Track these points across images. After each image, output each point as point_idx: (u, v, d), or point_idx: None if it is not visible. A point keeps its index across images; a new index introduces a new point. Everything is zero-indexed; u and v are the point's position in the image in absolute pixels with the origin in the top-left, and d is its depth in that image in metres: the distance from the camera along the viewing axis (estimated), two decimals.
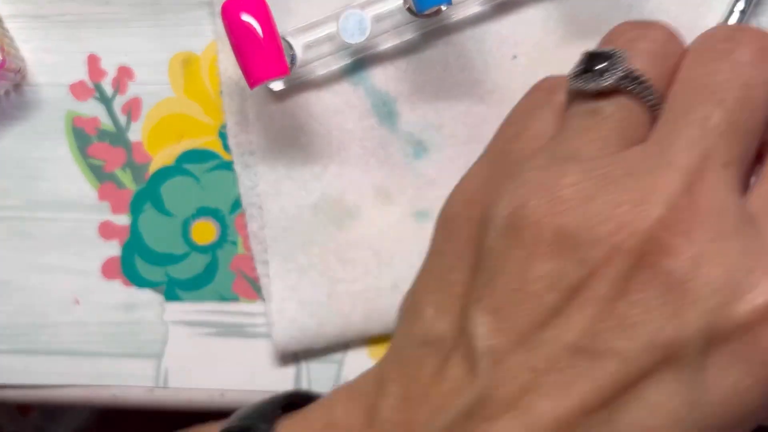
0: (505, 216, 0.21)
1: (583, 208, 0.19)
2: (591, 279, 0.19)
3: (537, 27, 0.33)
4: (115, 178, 0.35)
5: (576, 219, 0.19)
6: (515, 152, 0.24)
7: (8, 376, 0.35)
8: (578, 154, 0.21)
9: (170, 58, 0.34)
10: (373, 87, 0.33)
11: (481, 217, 0.22)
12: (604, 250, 0.19)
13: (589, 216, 0.19)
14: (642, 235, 0.19)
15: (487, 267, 0.21)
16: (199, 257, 0.35)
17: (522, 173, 0.22)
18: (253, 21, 0.28)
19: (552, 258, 0.20)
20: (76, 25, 0.35)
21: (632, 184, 0.20)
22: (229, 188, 0.34)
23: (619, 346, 0.19)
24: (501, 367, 0.20)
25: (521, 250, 0.20)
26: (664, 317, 0.18)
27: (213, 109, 0.34)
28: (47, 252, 0.35)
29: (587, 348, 0.19)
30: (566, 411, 0.19)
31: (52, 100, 0.35)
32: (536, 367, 0.19)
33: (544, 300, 0.19)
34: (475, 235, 0.22)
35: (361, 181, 0.33)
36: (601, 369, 0.19)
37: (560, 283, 0.19)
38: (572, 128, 0.23)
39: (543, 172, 0.21)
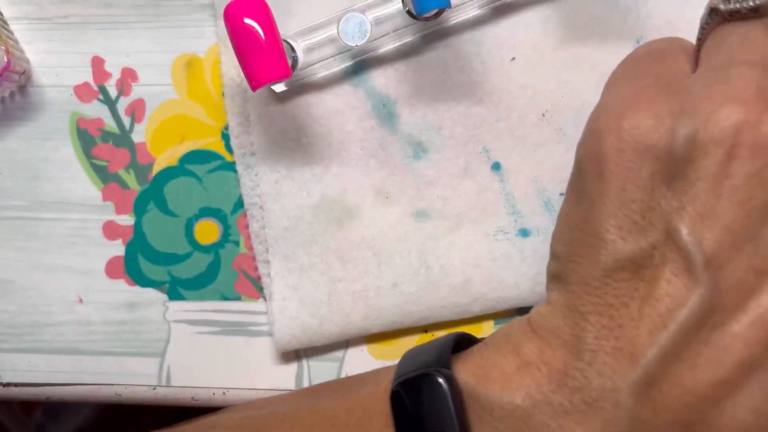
0: (700, 123, 0.20)
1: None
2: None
3: (535, 29, 0.33)
4: (119, 178, 0.35)
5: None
6: (667, 74, 0.22)
7: (12, 374, 0.36)
8: (756, 60, 0.20)
9: (173, 60, 0.35)
10: (374, 89, 0.34)
11: (667, 133, 0.20)
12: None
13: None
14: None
15: (683, 176, 0.20)
16: (201, 257, 0.35)
17: (704, 85, 0.20)
18: (255, 24, 0.28)
19: (757, 157, 0.19)
20: (80, 28, 0.35)
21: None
22: (232, 189, 0.35)
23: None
24: (723, 272, 0.19)
25: (720, 150, 0.19)
26: None
27: (216, 110, 0.34)
28: (51, 252, 0.35)
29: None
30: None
31: (57, 102, 0.35)
32: (761, 268, 0.19)
33: (755, 198, 0.19)
34: (658, 150, 0.20)
35: (362, 182, 0.34)
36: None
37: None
38: (734, 44, 0.22)
39: (723, 82, 0.20)
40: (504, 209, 0.34)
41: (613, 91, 0.23)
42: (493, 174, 0.34)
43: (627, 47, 0.33)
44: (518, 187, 0.33)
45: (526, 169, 0.33)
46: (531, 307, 0.34)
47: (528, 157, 0.33)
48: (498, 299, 0.33)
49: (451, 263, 0.33)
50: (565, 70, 0.33)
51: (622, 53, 0.33)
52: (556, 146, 0.33)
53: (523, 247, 0.33)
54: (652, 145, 0.20)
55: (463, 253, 0.33)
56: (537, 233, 0.33)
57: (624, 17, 0.33)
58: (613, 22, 0.33)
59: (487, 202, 0.34)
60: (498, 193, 0.34)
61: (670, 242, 0.20)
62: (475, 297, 0.33)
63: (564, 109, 0.33)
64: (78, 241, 0.35)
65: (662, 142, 0.20)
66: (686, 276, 0.20)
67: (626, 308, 0.21)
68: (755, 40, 0.21)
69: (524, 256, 0.33)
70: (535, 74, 0.33)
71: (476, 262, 0.33)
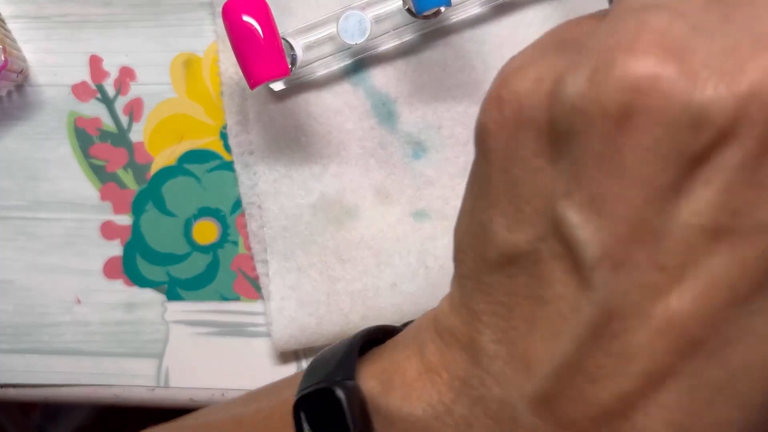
0: (581, 83, 0.15)
1: (688, 61, 0.15)
2: (718, 146, 0.15)
3: (536, 28, 0.33)
4: (117, 178, 0.35)
5: (680, 76, 0.15)
6: (575, 31, 0.18)
7: (10, 375, 0.35)
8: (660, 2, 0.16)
9: (172, 58, 0.34)
10: (373, 88, 0.33)
11: (546, 98, 0.17)
12: (730, 109, 0.14)
13: (697, 70, 0.15)
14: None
15: (568, 153, 0.16)
16: (200, 257, 0.35)
17: (598, 37, 0.16)
18: (254, 22, 0.28)
19: (655, 126, 0.15)
20: (77, 26, 0.35)
21: (739, 32, 0.15)
22: (230, 188, 0.35)
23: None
24: (620, 271, 0.16)
25: (608, 118, 0.15)
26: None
27: (214, 109, 0.34)
28: (49, 252, 0.35)
29: (725, 227, 0.15)
30: (712, 306, 0.15)
31: (54, 101, 0.35)
32: (665, 265, 0.15)
33: (655, 179, 0.15)
34: (537, 121, 0.17)
35: (361, 181, 0.34)
36: (750, 248, 0.15)
37: (673, 155, 0.15)
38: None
39: (619, 31, 0.15)
40: None
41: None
42: None
43: None
44: None
45: None
46: None
47: None
48: None
49: (451, 263, 0.33)
50: None
51: None
52: None
53: None
54: (531, 116, 0.17)
55: None
56: None
57: None
58: None
59: None
60: None
61: (557, 235, 0.17)
62: None
63: None
64: (76, 241, 0.35)
65: (542, 111, 0.17)
66: (577, 276, 0.16)
67: (520, 308, 0.18)
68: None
69: None
70: None
71: None
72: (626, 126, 0.15)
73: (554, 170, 0.17)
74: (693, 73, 0.15)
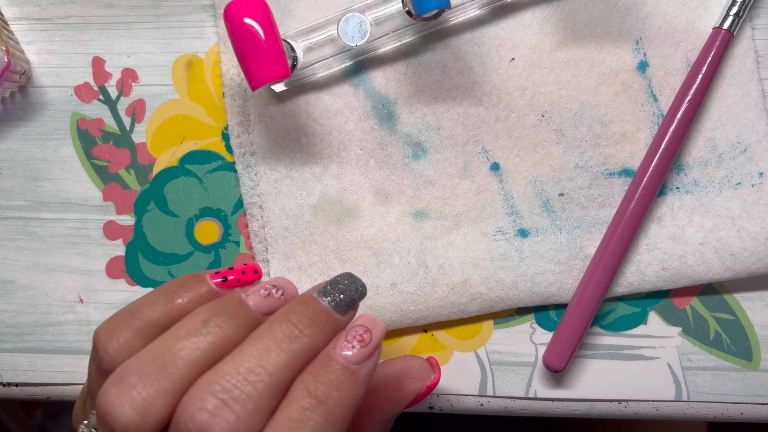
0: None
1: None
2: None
3: (535, 30, 0.33)
4: (120, 178, 0.35)
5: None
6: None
7: (13, 374, 0.36)
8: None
9: (174, 60, 0.35)
10: (373, 89, 0.34)
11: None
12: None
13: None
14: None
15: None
16: (201, 257, 0.35)
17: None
18: (256, 24, 0.28)
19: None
20: (80, 28, 0.35)
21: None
22: (232, 189, 0.35)
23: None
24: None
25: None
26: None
27: (216, 111, 0.35)
28: (52, 252, 0.35)
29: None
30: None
31: (57, 102, 0.35)
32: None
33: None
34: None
35: (361, 182, 0.34)
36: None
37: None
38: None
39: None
40: (503, 209, 0.34)
41: None
42: (492, 174, 0.34)
43: (626, 48, 0.33)
44: (517, 188, 0.34)
45: (524, 170, 0.34)
46: (529, 307, 0.34)
47: (527, 157, 0.33)
48: (496, 299, 0.34)
49: (450, 263, 0.33)
50: (564, 71, 0.33)
51: (620, 54, 0.33)
52: (554, 147, 0.33)
53: (522, 248, 0.34)
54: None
55: (462, 253, 0.33)
56: (536, 233, 0.34)
57: (623, 18, 0.33)
58: (612, 23, 0.33)
59: (486, 202, 0.34)
60: (497, 193, 0.34)
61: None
62: (474, 297, 0.34)
63: (563, 110, 0.33)
64: (78, 241, 0.35)
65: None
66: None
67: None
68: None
69: (523, 256, 0.33)
70: (534, 75, 0.33)
71: (475, 262, 0.33)
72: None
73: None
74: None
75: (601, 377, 0.34)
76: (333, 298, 0.25)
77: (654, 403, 0.34)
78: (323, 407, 0.23)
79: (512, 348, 0.35)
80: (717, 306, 0.34)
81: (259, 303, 0.25)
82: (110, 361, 0.25)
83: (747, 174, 0.33)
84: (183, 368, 0.23)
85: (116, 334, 0.25)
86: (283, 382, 0.23)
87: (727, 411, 0.34)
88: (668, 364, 0.34)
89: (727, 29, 0.32)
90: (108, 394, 0.23)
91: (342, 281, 0.26)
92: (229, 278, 0.27)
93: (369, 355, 0.24)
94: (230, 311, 0.25)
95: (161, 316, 0.26)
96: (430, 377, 0.31)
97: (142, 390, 0.23)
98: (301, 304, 0.25)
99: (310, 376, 0.24)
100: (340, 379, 0.24)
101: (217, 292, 0.27)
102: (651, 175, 0.32)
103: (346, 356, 0.24)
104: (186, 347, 0.23)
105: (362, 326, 0.25)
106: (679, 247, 0.33)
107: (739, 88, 0.33)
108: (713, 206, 0.33)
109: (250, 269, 0.28)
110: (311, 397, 0.23)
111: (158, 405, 0.23)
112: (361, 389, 0.24)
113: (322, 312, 0.25)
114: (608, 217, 0.34)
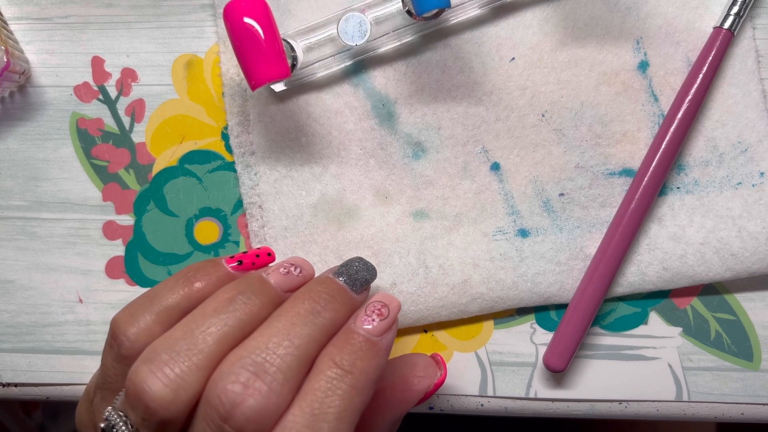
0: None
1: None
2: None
3: (535, 30, 0.33)
4: (119, 178, 0.35)
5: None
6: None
7: (12, 374, 0.36)
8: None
9: (173, 60, 0.35)
10: (373, 89, 0.34)
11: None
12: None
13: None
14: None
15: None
16: (201, 257, 0.35)
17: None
18: (255, 23, 0.28)
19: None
20: (80, 28, 0.35)
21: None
22: (232, 189, 0.35)
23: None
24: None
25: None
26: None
27: (216, 111, 0.35)
28: (51, 252, 0.35)
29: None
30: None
31: (57, 102, 0.35)
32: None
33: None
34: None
35: (361, 182, 0.34)
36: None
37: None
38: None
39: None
40: (503, 209, 0.34)
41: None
42: (492, 174, 0.34)
43: (626, 47, 0.33)
44: (517, 188, 0.34)
45: (525, 170, 0.33)
46: (529, 307, 0.34)
47: (527, 157, 0.33)
48: (496, 299, 0.34)
49: (450, 263, 0.33)
50: (564, 71, 0.33)
51: (621, 53, 0.33)
52: (555, 146, 0.33)
53: (522, 248, 0.33)
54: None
55: (462, 253, 0.33)
56: (536, 233, 0.34)
57: (624, 17, 0.33)
58: (612, 23, 0.33)
59: (486, 202, 0.34)
60: (497, 193, 0.34)
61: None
62: (474, 297, 0.33)
63: (563, 110, 0.33)
64: (78, 241, 0.35)
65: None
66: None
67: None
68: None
69: (523, 256, 0.33)
70: (534, 75, 0.33)
71: (475, 262, 0.33)
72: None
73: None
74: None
75: (602, 377, 0.34)
76: (348, 277, 0.27)
77: (654, 404, 0.34)
78: (350, 376, 0.24)
79: (512, 348, 0.35)
80: (718, 306, 0.34)
81: (279, 281, 0.27)
82: (131, 346, 0.25)
83: (748, 174, 0.33)
84: (213, 344, 0.24)
85: (135, 320, 0.26)
86: (310, 354, 0.24)
87: (728, 411, 0.34)
88: (669, 365, 0.34)
89: (728, 29, 0.32)
90: (140, 372, 0.23)
91: (354, 263, 0.28)
92: (245, 261, 0.28)
93: (388, 327, 0.26)
94: (254, 289, 0.26)
95: (180, 299, 0.26)
96: (437, 375, 0.31)
97: (174, 366, 0.23)
98: (319, 284, 0.27)
99: (334, 348, 0.25)
100: (363, 350, 0.25)
101: (233, 275, 0.28)
102: (651, 175, 0.32)
103: (367, 329, 0.25)
104: (215, 323, 0.24)
105: (379, 301, 0.27)
106: (680, 247, 0.33)
107: (740, 87, 0.33)
108: (714, 206, 0.33)
109: (264, 252, 0.29)
110: (337, 367, 0.24)
111: (191, 380, 0.23)
112: (383, 359, 0.26)
113: (340, 290, 0.27)
114: (609, 217, 0.33)
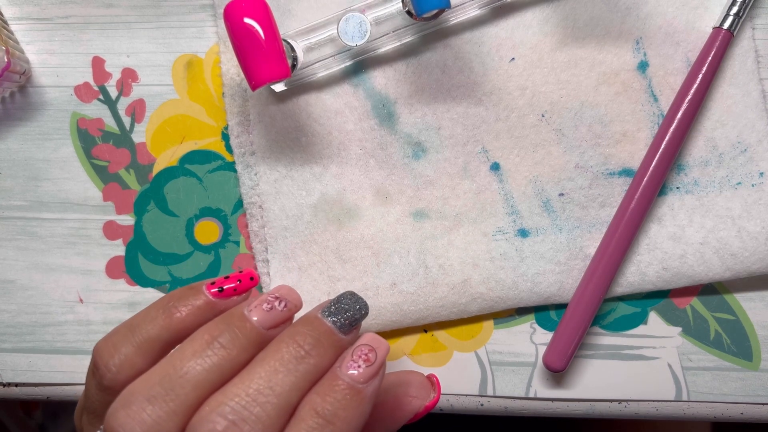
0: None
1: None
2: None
3: (535, 30, 0.33)
4: (120, 178, 0.35)
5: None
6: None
7: (12, 374, 0.36)
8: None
9: (173, 60, 0.35)
10: (373, 89, 0.34)
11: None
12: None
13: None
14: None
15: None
16: (201, 257, 0.35)
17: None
18: (255, 24, 0.28)
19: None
20: (80, 28, 0.35)
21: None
22: (232, 189, 0.35)
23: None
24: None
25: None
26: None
27: (216, 111, 0.35)
28: (52, 252, 0.35)
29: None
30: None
31: (57, 102, 0.35)
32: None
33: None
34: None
35: (361, 182, 0.34)
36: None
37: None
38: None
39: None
40: (503, 209, 0.34)
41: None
42: (492, 174, 0.34)
43: (626, 47, 0.33)
44: (517, 188, 0.34)
45: (524, 170, 0.34)
46: (529, 307, 0.34)
47: (527, 157, 0.33)
48: (496, 299, 0.34)
49: (450, 263, 0.33)
50: (564, 71, 0.33)
51: (621, 53, 0.33)
52: (554, 146, 0.33)
53: (522, 247, 0.34)
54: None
55: (462, 253, 0.33)
56: (536, 233, 0.34)
57: (623, 18, 0.33)
58: (612, 23, 0.33)
59: (486, 202, 0.34)
60: (497, 193, 0.34)
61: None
62: (474, 297, 0.33)
63: (563, 110, 0.33)
64: (78, 241, 0.35)
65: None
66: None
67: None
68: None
69: (523, 256, 0.33)
70: (534, 75, 0.33)
71: (475, 262, 0.33)
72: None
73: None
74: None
75: (602, 377, 0.34)
76: (337, 317, 0.26)
77: (654, 403, 0.34)
78: (331, 426, 0.23)
79: (512, 348, 0.35)
80: (717, 306, 0.34)
81: (262, 319, 0.26)
82: (112, 378, 0.25)
83: (747, 174, 0.33)
84: (191, 390, 0.23)
85: (117, 351, 0.25)
86: (291, 402, 0.24)
87: (728, 411, 0.34)
88: (668, 364, 0.34)
89: (728, 29, 0.32)
90: (117, 418, 0.23)
91: (344, 301, 0.26)
92: (226, 288, 0.27)
93: (374, 374, 0.25)
94: (233, 331, 0.25)
95: (161, 330, 0.26)
96: (430, 396, 0.31)
97: (152, 412, 0.23)
98: (305, 325, 0.25)
99: (317, 395, 0.24)
100: (346, 399, 0.24)
101: (214, 303, 0.27)
102: (651, 175, 0.32)
103: (352, 375, 0.24)
104: (192, 368, 0.24)
105: (367, 345, 0.26)
106: (680, 247, 0.33)
107: (740, 87, 0.33)
108: (713, 206, 0.33)
109: (246, 277, 0.28)
110: (319, 416, 0.24)
111: (168, 427, 0.23)
112: (368, 407, 0.25)
113: (327, 332, 0.25)
114: (608, 217, 0.34)
